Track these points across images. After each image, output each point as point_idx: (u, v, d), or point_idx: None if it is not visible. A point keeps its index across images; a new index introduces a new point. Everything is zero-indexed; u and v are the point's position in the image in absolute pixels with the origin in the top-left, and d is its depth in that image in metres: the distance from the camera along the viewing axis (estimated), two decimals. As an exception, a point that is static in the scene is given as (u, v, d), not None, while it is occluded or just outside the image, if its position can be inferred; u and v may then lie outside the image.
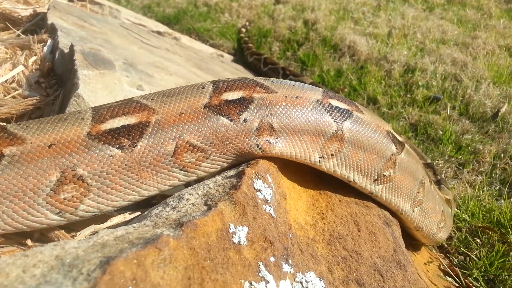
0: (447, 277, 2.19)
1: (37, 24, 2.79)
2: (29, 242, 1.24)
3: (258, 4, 6.11)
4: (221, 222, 1.01)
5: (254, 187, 1.19)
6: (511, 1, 6.71)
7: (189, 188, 1.21)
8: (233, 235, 1.01)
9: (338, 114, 1.46)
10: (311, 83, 3.85)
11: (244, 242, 1.03)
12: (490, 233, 2.45)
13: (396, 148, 1.60)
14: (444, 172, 3.05)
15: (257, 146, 1.36)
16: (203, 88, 1.34)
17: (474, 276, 2.25)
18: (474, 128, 3.47)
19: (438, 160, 3.16)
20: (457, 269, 2.30)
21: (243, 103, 1.33)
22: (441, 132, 3.41)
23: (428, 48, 4.81)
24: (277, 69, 4.41)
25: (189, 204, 1.09)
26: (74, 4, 3.60)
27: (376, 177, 1.57)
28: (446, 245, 2.51)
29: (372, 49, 4.66)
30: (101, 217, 1.41)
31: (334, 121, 1.45)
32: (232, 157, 1.36)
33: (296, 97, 1.41)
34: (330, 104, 1.46)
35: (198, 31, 5.56)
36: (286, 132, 1.39)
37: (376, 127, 1.55)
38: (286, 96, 1.40)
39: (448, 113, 3.65)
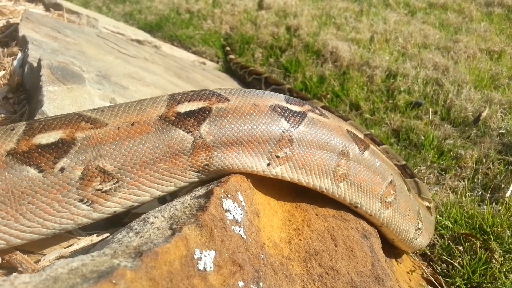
0: (430, 286, 2.17)
1: (10, 36, 2.72)
2: (-11, 269, 1.19)
3: (240, 10, 6.09)
4: (185, 248, 0.96)
5: (223, 208, 1.15)
6: (491, 5, 6.78)
7: (155, 209, 1.16)
8: (199, 261, 0.97)
9: (191, 121, 1.25)
10: (323, 107, 3.43)
11: (210, 268, 0.99)
12: (472, 240, 2.44)
13: (290, 122, 1.38)
14: (426, 178, 3.04)
15: (81, 201, 1.12)
16: (12, 129, 1.08)
17: (457, 284, 2.23)
18: (456, 133, 3.47)
19: (420, 166, 3.15)
20: (440, 277, 2.28)
21: (61, 147, 1.07)
22: (423, 138, 3.40)
23: (410, 53, 4.82)
24: (283, 90, 3.94)
25: (154, 228, 1.04)
26: (50, 14, 3.53)
27: (268, 161, 1.37)
28: (429, 253, 2.50)
29: (354, 55, 4.66)
30: (68, 239, 1.36)
31: (187, 132, 1.23)
32: (29, 225, 1.08)
33: (132, 124, 1.17)
34: (177, 113, 1.23)
35: (180, 38, 5.52)
36: (127, 171, 1.15)
37: (251, 108, 1.34)
38: (119, 127, 1.15)
39: (430, 118, 3.65)
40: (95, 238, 1.36)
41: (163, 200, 1.79)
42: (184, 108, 1.26)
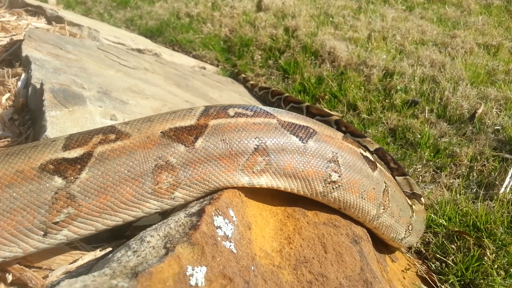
0: (423, 285, 2.25)
1: (14, 54, 2.82)
2: (2, 286, 1.29)
3: (239, 12, 6.16)
4: (178, 266, 1.06)
5: (214, 225, 1.24)
6: (490, -4, 6.79)
7: (152, 228, 1.26)
8: (191, 277, 1.06)
9: None
10: (376, 150, 3.02)
11: (202, 283, 1.08)
12: (466, 237, 2.52)
13: (66, 177, 1.20)
14: (421, 177, 3.11)
15: None
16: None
17: (450, 281, 2.32)
18: (451, 131, 3.54)
19: (416, 165, 3.22)
20: (434, 275, 2.36)
21: None
22: (419, 136, 3.47)
23: (407, 50, 4.88)
24: (329, 122, 3.38)
25: (150, 247, 1.14)
26: (52, 28, 3.64)
27: (43, 232, 1.21)
28: (424, 251, 2.58)
29: (352, 54, 4.72)
30: (74, 255, 1.46)
31: None
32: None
33: None
34: None
35: (181, 43, 5.61)
36: None
37: (13, 178, 1.15)
38: None
39: (426, 116, 3.71)
40: (98, 253, 1.46)
41: (164, 214, 1.89)
42: None
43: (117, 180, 1.25)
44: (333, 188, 1.63)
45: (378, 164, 1.81)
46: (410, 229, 2.10)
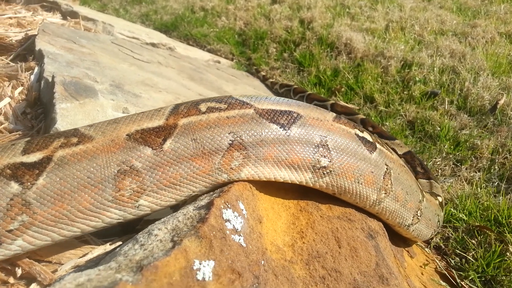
0: (442, 281, 2.19)
1: (29, 49, 2.83)
2: (11, 280, 1.29)
3: (254, 5, 6.10)
4: (185, 259, 1.03)
5: (223, 218, 1.21)
6: (513, -16, 6.57)
7: (160, 221, 1.23)
8: (198, 272, 1.04)
9: None
10: (405, 154, 2.86)
11: (209, 277, 1.05)
12: (487, 232, 2.44)
13: (23, 183, 1.14)
14: (441, 170, 3.03)
15: None
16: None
17: (470, 277, 2.24)
18: (472, 123, 3.43)
19: (435, 158, 3.14)
20: (453, 271, 2.30)
21: None
22: (439, 129, 3.38)
23: (426, 41, 4.75)
24: (355, 120, 3.23)
25: (157, 240, 1.11)
26: (67, 23, 3.65)
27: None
28: (443, 246, 2.51)
29: (369, 46, 4.63)
30: (84, 249, 1.45)
31: None
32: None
33: None
34: None
35: (196, 37, 5.59)
36: None
37: None
38: None
39: (446, 108, 3.61)
40: (108, 247, 1.44)
41: (175, 207, 1.87)
42: None
43: (75, 186, 1.18)
44: (323, 174, 1.53)
45: (378, 145, 1.69)
46: (418, 214, 1.97)
